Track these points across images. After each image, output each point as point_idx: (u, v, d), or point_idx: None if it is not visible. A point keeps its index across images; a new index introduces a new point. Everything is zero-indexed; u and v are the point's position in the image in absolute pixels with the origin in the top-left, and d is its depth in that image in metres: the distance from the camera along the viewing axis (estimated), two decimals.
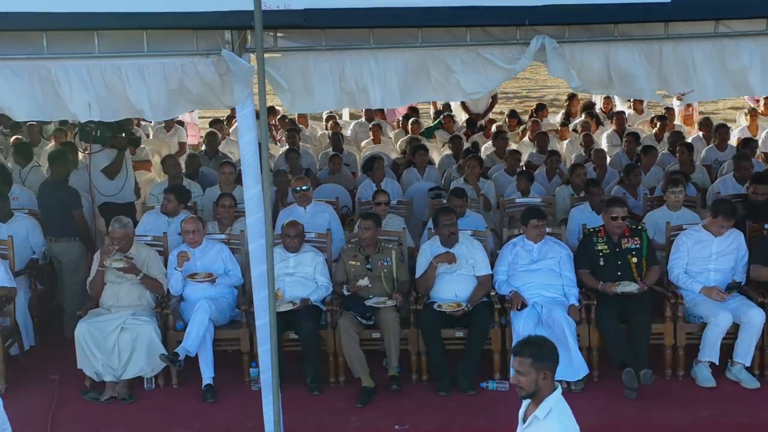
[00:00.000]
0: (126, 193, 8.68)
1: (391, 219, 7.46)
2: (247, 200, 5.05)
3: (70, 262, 7.49)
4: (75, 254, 7.51)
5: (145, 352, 6.17)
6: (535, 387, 3.71)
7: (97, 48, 4.84)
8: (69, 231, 7.46)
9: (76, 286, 7.48)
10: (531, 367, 3.69)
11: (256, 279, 5.13)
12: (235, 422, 5.86)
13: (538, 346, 3.79)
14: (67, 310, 7.52)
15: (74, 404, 6.14)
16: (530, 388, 3.72)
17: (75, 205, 7.54)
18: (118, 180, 8.57)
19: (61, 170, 7.70)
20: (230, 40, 4.85)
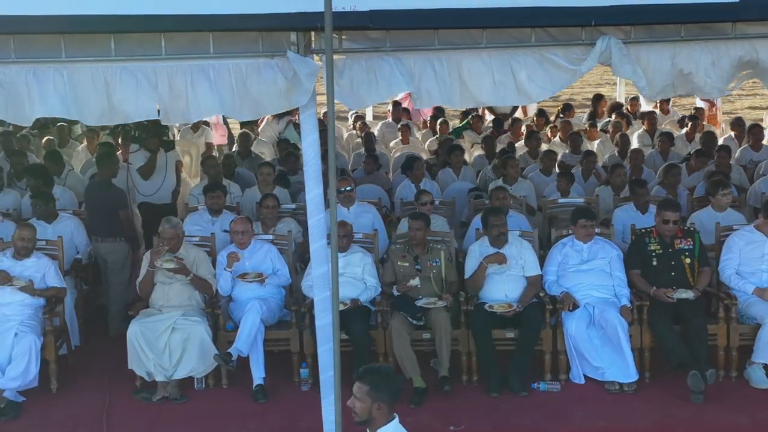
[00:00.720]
0: (163, 194, 8.71)
1: (435, 220, 7.45)
2: (309, 201, 5.07)
3: (116, 262, 7.52)
4: (120, 254, 7.54)
5: (196, 352, 6.19)
6: (368, 415, 3.75)
7: (164, 50, 4.86)
8: (114, 231, 7.47)
9: (120, 286, 7.55)
10: (367, 395, 3.73)
11: (317, 280, 5.15)
12: (289, 423, 5.88)
13: (380, 377, 3.82)
14: (111, 309, 7.56)
15: (126, 404, 6.16)
16: (363, 415, 3.76)
17: (121, 205, 7.58)
18: (154, 180, 8.64)
19: (108, 171, 7.75)
20: (295, 42, 4.86)
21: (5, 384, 6.03)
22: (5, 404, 5.99)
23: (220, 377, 6.37)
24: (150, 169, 8.57)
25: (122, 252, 7.53)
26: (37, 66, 4.81)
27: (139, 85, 4.86)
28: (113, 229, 7.46)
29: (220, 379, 6.37)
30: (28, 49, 4.82)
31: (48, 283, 6.53)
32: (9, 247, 6.66)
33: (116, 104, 4.93)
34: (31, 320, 6.35)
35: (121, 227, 7.52)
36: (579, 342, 6.14)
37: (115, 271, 7.51)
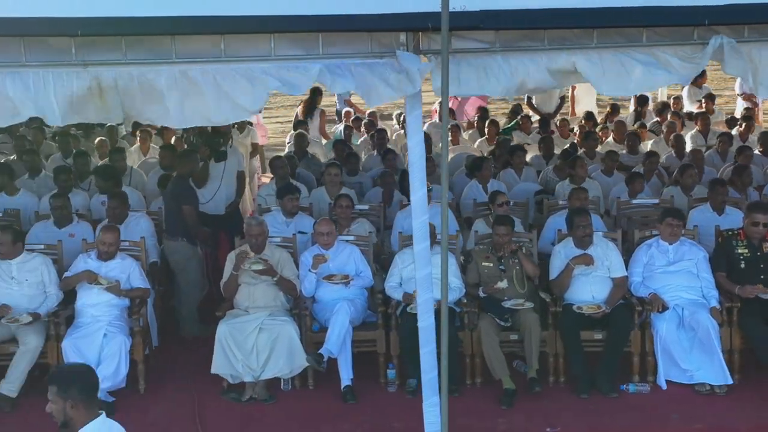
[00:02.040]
0: (216, 205, 8.34)
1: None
2: (414, 202, 5.06)
3: (178, 262, 7.47)
4: (182, 254, 7.45)
5: (285, 353, 6.19)
6: (64, 416, 3.67)
7: (273, 51, 4.86)
8: (176, 229, 7.43)
9: (188, 287, 7.50)
10: (57, 396, 3.65)
11: (421, 281, 5.14)
12: (382, 424, 5.87)
13: (65, 375, 3.77)
14: (181, 311, 7.54)
15: (216, 404, 6.17)
16: (60, 416, 3.67)
17: (186, 199, 7.46)
18: (206, 189, 8.27)
19: (186, 168, 7.73)
20: (405, 42, 4.85)
21: None
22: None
23: (306, 378, 6.38)
24: (201, 177, 8.23)
25: (184, 252, 7.41)
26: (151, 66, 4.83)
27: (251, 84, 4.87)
28: (177, 227, 7.41)
29: (307, 380, 6.38)
30: (139, 50, 4.84)
31: (132, 283, 6.56)
32: (93, 248, 6.70)
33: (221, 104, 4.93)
34: (118, 321, 6.38)
35: (183, 226, 7.41)
36: (669, 343, 6.10)
37: (178, 272, 7.48)
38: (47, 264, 6.53)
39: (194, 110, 4.94)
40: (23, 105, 4.79)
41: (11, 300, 6.32)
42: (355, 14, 4.78)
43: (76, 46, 4.78)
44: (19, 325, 6.19)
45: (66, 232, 7.43)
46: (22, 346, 6.13)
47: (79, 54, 4.79)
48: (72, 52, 4.79)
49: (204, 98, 4.85)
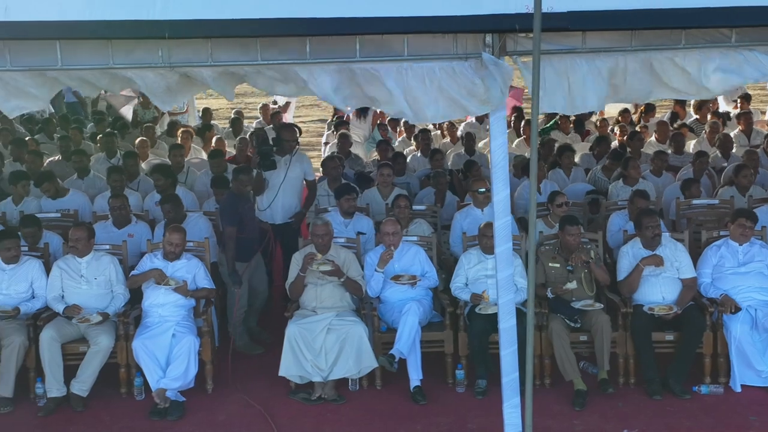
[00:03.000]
0: (273, 214, 7.86)
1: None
2: (497, 203, 5.03)
3: (223, 273, 7.18)
4: (224, 267, 7.13)
5: (354, 354, 6.19)
6: None
7: (358, 53, 4.86)
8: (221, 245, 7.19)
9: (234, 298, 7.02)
10: None
11: (502, 282, 5.12)
12: (456, 424, 5.85)
13: None
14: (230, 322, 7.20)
15: (286, 405, 6.18)
16: None
17: (227, 219, 7.03)
18: (265, 197, 7.83)
19: (236, 185, 7.23)
20: (490, 44, 4.83)
21: (168, 384, 6.08)
22: (169, 404, 6.04)
23: (373, 378, 6.38)
24: (258, 185, 7.76)
25: (224, 269, 7.11)
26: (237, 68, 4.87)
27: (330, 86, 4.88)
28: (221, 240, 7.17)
29: (374, 380, 6.38)
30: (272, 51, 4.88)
31: (198, 284, 6.56)
32: (158, 249, 6.71)
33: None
34: (186, 321, 6.40)
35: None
36: (744, 345, 6.07)
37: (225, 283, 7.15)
38: (115, 263, 6.56)
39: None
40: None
41: (80, 299, 6.35)
42: (440, 16, 4.76)
43: (163, 48, 4.80)
44: (89, 324, 6.22)
45: (125, 233, 7.46)
46: (93, 346, 6.15)
47: (167, 56, 4.82)
48: (159, 54, 4.82)
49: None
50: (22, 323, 6.26)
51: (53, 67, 4.81)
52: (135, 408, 6.15)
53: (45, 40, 4.76)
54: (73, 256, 6.48)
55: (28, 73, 4.89)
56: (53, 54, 4.77)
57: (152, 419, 5.96)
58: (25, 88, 4.97)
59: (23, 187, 8.27)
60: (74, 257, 6.48)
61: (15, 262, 6.43)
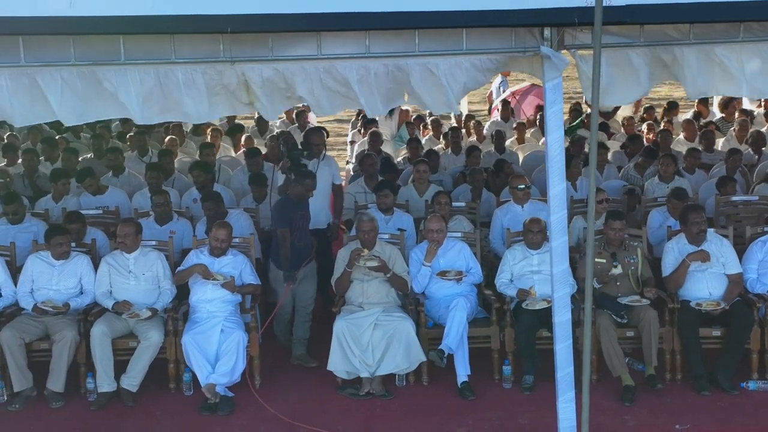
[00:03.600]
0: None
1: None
2: (552, 197, 5.05)
3: (271, 283, 6.93)
4: (273, 276, 6.90)
5: (402, 349, 6.21)
6: None
7: (417, 46, 4.89)
8: (272, 249, 6.91)
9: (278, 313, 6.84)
10: None
11: (557, 276, 5.13)
12: (506, 419, 5.87)
13: None
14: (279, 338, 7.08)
15: (334, 400, 6.21)
16: None
17: (280, 221, 6.82)
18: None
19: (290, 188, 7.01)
20: (549, 38, 4.86)
21: (216, 379, 6.10)
22: (219, 399, 6.07)
23: (420, 374, 6.39)
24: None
25: (274, 276, 6.87)
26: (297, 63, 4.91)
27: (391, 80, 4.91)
28: (273, 249, 6.88)
29: (421, 376, 6.40)
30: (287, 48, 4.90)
31: (244, 279, 6.59)
32: (204, 245, 6.75)
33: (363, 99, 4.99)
34: (234, 317, 6.42)
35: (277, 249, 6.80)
36: None
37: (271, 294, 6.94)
38: (161, 259, 6.59)
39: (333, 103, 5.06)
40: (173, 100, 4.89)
41: (127, 294, 6.39)
42: (499, 9, 4.79)
43: (225, 43, 4.84)
44: (139, 320, 6.26)
45: (167, 229, 7.50)
46: (144, 342, 6.19)
47: (227, 51, 4.86)
48: (220, 48, 4.86)
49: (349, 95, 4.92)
50: (72, 318, 6.31)
51: (116, 62, 4.86)
52: (184, 403, 6.18)
53: (108, 35, 4.81)
54: (120, 252, 6.52)
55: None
56: (117, 49, 4.82)
57: (203, 414, 5.99)
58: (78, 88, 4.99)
59: (63, 185, 8.33)
60: (122, 253, 6.52)
61: (65, 258, 6.48)
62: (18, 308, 6.45)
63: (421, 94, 4.94)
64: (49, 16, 4.68)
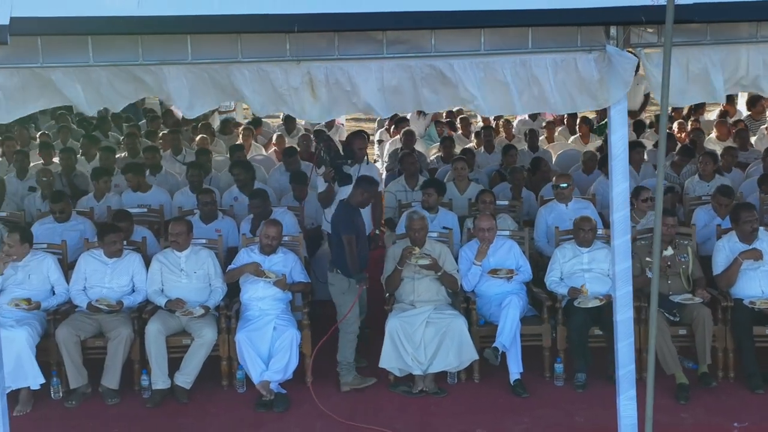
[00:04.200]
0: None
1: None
2: (616, 196, 5.05)
3: (333, 295, 6.46)
4: (337, 287, 6.40)
5: (455, 347, 6.22)
6: None
7: (483, 46, 4.90)
8: (336, 259, 6.43)
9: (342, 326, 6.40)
10: None
11: (620, 275, 5.13)
12: (563, 418, 5.88)
13: None
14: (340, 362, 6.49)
15: (388, 397, 6.23)
16: None
17: (346, 227, 6.33)
18: (330, 212, 7.15)
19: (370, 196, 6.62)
20: (615, 36, 4.86)
21: (270, 376, 6.14)
22: (273, 396, 6.10)
23: (471, 372, 6.41)
24: (324, 198, 7.38)
25: (339, 285, 6.36)
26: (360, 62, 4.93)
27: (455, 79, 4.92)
28: (336, 257, 6.44)
29: (472, 373, 6.41)
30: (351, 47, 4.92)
31: (294, 278, 6.62)
32: (254, 243, 6.78)
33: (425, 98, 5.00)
34: (286, 314, 6.46)
35: (342, 256, 6.34)
36: None
37: (337, 306, 6.45)
38: (212, 257, 6.63)
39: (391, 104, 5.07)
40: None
41: (179, 292, 6.42)
42: (565, 8, 4.79)
43: (291, 42, 4.86)
44: (192, 318, 6.29)
45: (212, 228, 7.53)
46: (198, 339, 6.22)
47: (293, 50, 4.88)
48: (286, 48, 4.88)
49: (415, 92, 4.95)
50: (127, 316, 6.34)
51: (183, 61, 4.88)
52: (238, 400, 6.21)
53: (175, 35, 4.84)
54: (172, 250, 6.55)
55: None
56: (184, 48, 4.85)
57: (258, 411, 6.02)
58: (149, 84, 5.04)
59: (105, 183, 8.37)
60: (173, 251, 6.55)
61: (118, 256, 6.52)
62: (72, 306, 6.50)
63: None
64: (118, 16, 4.72)
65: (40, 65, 4.85)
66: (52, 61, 4.85)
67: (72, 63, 4.87)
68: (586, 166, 9.53)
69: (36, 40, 4.78)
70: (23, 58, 4.81)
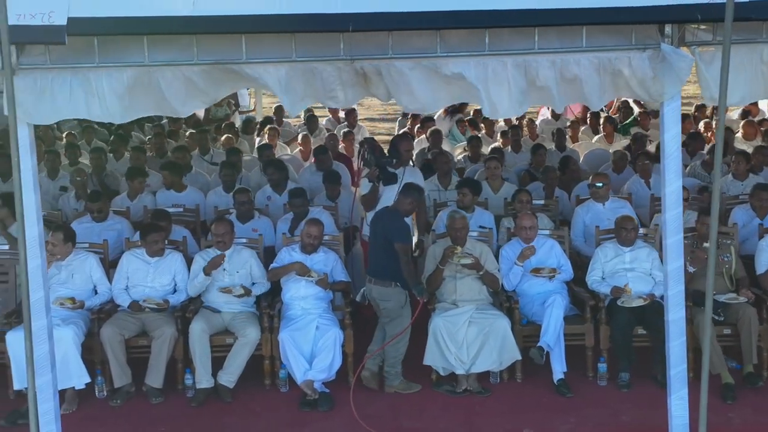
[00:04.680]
0: None
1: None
2: (668, 194, 5.05)
3: (389, 310, 6.23)
4: (395, 301, 6.19)
5: (498, 346, 6.22)
6: None
7: (536, 44, 4.90)
8: (388, 271, 6.15)
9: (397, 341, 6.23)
10: None
11: (672, 274, 5.12)
12: (608, 417, 5.87)
13: None
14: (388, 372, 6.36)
15: (430, 396, 6.22)
16: None
17: (399, 235, 6.13)
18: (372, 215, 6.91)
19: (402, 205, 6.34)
20: (670, 34, 4.85)
21: (314, 376, 6.13)
22: (318, 395, 6.10)
23: (514, 371, 6.40)
24: (369, 200, 7.21)
25: (397, 298, 6.17)
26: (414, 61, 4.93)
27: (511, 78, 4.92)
28: (385, 269, 6.16)
29: (515, 373, 6.41)
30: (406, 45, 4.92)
31: (335, 277, 6.62)
32: (294, 242, 6.78)
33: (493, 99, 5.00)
34: (328, 314, 6.46)
35: (395, 267, 6.11)
36: None
37: (387, 321, 6.25)
38: (254, 257, 6.64)
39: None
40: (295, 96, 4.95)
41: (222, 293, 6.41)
42: (619, 6, 4.78)
43: (345, 41, 4.87)
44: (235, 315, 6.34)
45: (249, 227, 7.53)
46: (241, 338, 6.23)
47: (347, 49, 4.88)
48: (340, 47, 4.88)
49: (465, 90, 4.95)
50: (170, 315, 6.36)
51: (238, 60, 4.89)
52: (282, 399, 6.22)
53: (230, 35, 4.85)
54: (214, 249, 6.56)
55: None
56: (239, 48, 4.86)
57: (303, 410, 6.03)
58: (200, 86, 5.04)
59: (140, 183, 8.39)
60: (215, 251, 6.55)
61: (160, 255, 6.53)
62: (114, 305, 6.51)
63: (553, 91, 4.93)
64: (173, 15, 4.73)
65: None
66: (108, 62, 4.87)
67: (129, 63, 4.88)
68: (616, 165, 9.50)
69: (93, 40, 4.80)
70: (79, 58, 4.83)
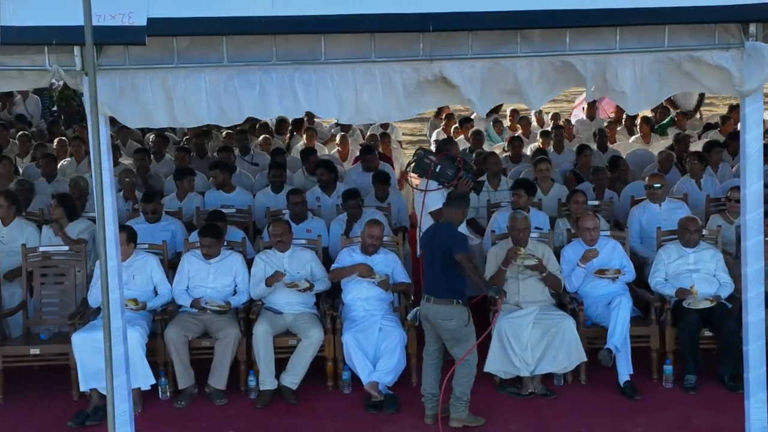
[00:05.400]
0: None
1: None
2: (749, 195, 5.01)
3: (452, 330, 5.64)
4: (459, 320, 5.62)
5: (563, 348, 6.17)
6: None
7: (618, 44, 4.85)
8: (449, 288, 5.65)
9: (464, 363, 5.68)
10: None
11: (751, 275, 5.08)
12: (678, 420, 5.81)
13: None
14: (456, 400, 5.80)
15: (496, 399, 6.18)
16: None
17: (459, 245, 5.67)
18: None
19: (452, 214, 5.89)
20: (754, 33, 4.80)
21: (379, 377, 6.10)
22: (383, 397, 6.07)
23: (578, 373, 6.36)
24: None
25: (460, 316, 5.61)
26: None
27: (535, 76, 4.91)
28: (446, 286, 5.65)
29: (579, 375, 6.36)
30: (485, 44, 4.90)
31: (396, 278, 6.58)
32: (353, 243, 6.75)
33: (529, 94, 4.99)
34: (390, 315, 6.43)
35: (457, 283, 5.66)
36: None
37: (452, 342, 5.68)
38: (314, 258, 6.62)
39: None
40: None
41: (283, 292, 6.39)
42: (703, 5, 4.74)
43: (424, 41, 4.84)
44: (296, 317, 6.34)
45: (303, 228, 7.50)
46: (305, 340, 6.20)
47: (427, 49, 4.85)
48: (420, 47, 4.85)
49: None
50: (234, 316, 6.34)
51: (317, 61, 4.86)
52: (346, 401, 6.19)
53: (310, 35, 4.82)
54: (274, 251, 6.54)
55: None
56: (318, 48, 4.83)
57: (369, 412, 6.00)
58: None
59: (189, 183, 8.37)
60: (275, 252, 6.54)
61: (218, 256, 6.51)
62: (176, 306, 6.50)
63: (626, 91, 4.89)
64: (252, 16, 4.71)
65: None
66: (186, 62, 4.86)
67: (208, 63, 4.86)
68: (662, 165, 9.40)
69: (172, 41, 4.79)
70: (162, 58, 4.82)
